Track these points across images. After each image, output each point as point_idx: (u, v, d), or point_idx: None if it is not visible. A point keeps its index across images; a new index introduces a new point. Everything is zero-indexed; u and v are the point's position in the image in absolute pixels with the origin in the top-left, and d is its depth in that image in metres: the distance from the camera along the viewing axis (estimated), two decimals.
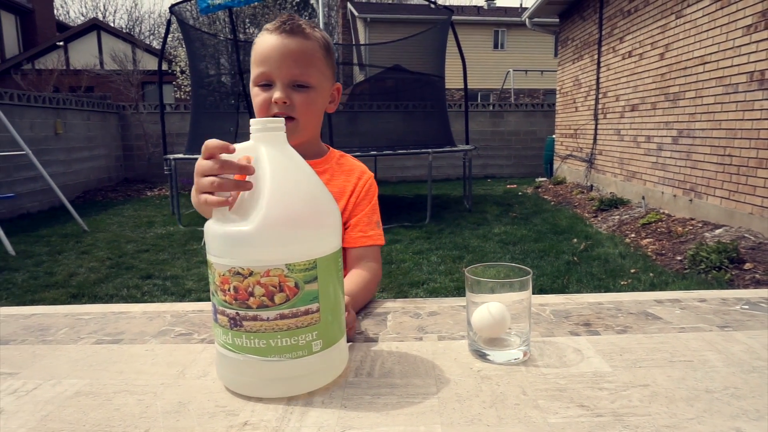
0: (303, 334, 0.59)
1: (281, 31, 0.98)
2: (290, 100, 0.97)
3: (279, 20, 1.00)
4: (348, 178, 1.10)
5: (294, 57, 0.97)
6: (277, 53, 0.97)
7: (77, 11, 44.12)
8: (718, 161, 4.57)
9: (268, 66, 0.97)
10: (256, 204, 0.59)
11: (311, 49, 1.00)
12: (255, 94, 1.00)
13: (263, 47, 0.98)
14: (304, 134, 1.03)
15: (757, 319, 0.81)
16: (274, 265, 0.57)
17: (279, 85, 0.97)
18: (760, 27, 4.00)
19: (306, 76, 0.98)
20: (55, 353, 0.73)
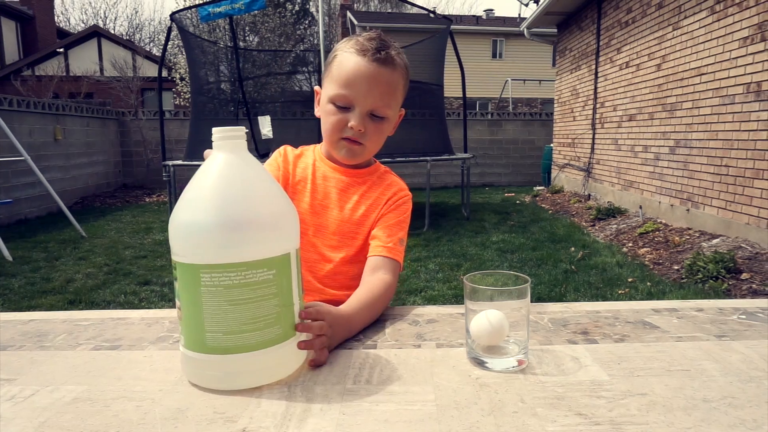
0: (179, 324, 0.65)
1: (374, 58, 0.96)
2: (364, 129, 0.99)
3: (370, 42, 0.97)
4: (384, 192, 1.09)
5: (380, 90, 0.98)
6: (366, 82, 0.97)
7: (78, 18, 44.27)
8: (715, 171, 4.59)
9: (353, 91, 0.97)
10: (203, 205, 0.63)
11: (396, 81, 1.00)
12: (330, 112, 1.00)
13: (351, 70, 0.97)
14: (365, 157, 1.07)
15: (754, 328, 0.81)
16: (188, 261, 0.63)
17: (358, 112, 0.98)
18: (757, 39, 4.04)
19: (385, 108, 1.00)
20: (53, 359, 0.73)
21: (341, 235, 1.06)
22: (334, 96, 0.99)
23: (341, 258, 1.06)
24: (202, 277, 0.61)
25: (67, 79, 16.82)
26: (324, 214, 1.07)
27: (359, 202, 1.07)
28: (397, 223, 1.06)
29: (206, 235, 0.61)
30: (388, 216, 1.07)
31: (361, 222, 1.06)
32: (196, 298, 0.62)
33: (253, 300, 0.62)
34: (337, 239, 1.06)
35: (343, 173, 1.09)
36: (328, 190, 1.08)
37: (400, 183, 1.14)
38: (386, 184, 1.11)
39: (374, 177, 1.11)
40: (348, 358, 0.72)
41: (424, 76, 7.67)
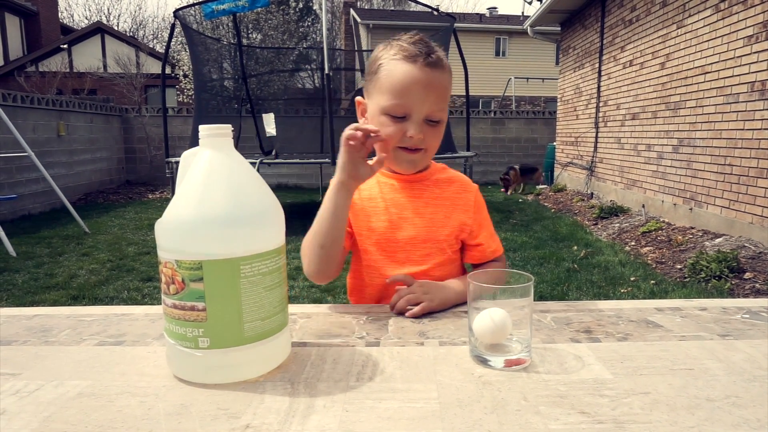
0: (190, 327, 0.63)
1: (426, 63, 0.94)
2: (423, 135, 0.97)
3: (416, 47, 0.95)
4: (458, 190, 1.08)
5: (436, 94, 0.96)
6: (421, 89, 0.94)
7: (81, 14, 44.30)
8: (719, 170, 4.57)
9: (408, 99, 0.94)
10: (238, 198, 0.65)
11: (447, 83, 0.99)
12: (384, 123, 0.96)
13: (403, 78, 0.94)
14: (425, 163, 1.06)
15: (757, 328, 0.81)
16: (167, 258, 0.64)
17: (415, 119, 0.96)
18: (761, 37, 4.02)
19: (441, 112, 0.98)
20: (57, 354, 0.73)
21: (431, 241, 1.04)
22: (388, 107, 0.96)
23: (433, 264, 1.04)
24: (242, 269, 0.63)
25: (70, 75, 16.85)
26: (405, 227, 1.04)
27: (438, 204, 1.06)
28: (488, 221, 1.11)
29: (247, 227, 0.64)
30: (479, 217, 1.08)
31: (448, 224, 1.05)
32: (233, 292, 0.63)
33: (278, 284, 0.67)
34: (429, 246, 1.04)
35: (408, 180, 1.07)
36: (401, 202, 1.05)
37: (463, 176, 1.13)
38: (452, 180, 1.10)
39: (438, 175, 1.10)
40: (351, 356, 0.72)
41: None
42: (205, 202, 0.63)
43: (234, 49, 7.96)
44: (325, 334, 0.80)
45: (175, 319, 0.64)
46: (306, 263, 1.00)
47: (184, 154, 0.70)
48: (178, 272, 0.63)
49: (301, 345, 0.76)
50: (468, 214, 1.07)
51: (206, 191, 0.64)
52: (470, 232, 1.07)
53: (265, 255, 0.65)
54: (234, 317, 0.63)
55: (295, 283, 3.76)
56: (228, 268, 0.62)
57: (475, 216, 1.07)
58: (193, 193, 0.64)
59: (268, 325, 0.66)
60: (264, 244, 0.65)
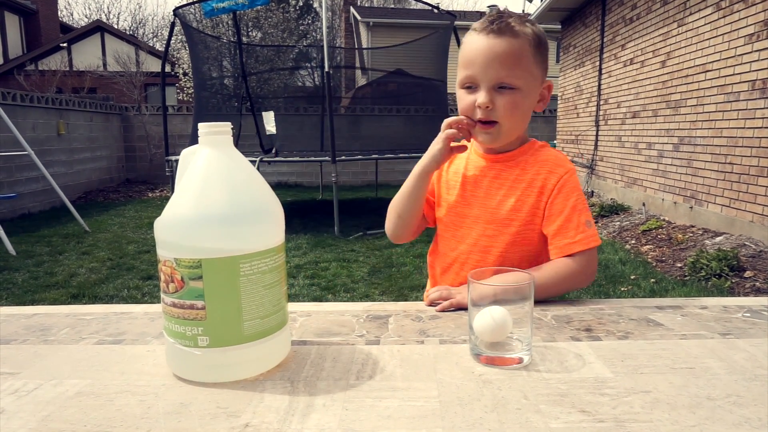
0: (189, 326, 0.63)
1: (488, 31, 0.95)
2: (493, 104, 0.95)
3: (488, 18, 0.97)
4: (539, 170, 1.02)
5: (500, 59, 0.94)
6: (483, 55, 0.95)
7: (81, 13, 44.28)
8: (719, 169, 4.57)
9: (473, 68, 0.96)
10: (237, 197, 0.65)
11: (519, 48, 0.95)
12: (461, 98, 0.99)
13: (469, 49, 0.97)
14: (507, 138, 1.01)
15: (758, 327, 0.81)
16: (166, 256, 0.63)
17: (483, 88, 0.95)
18: (762, 36, 4.01)
19: (511, 77, 0.95)
20: (56, 353, 0.73)
21: (496, 223, 1.02)
22: (461, 80, 0.99)
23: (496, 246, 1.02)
24: (241, 267, 0.63)
25: (70, 73, 16.84)
26: (475, 204, 1.05)
27: (512, 186, 1.02)
28: (571, 208, 0.98)
29: (247, 225, 0.64)
30: (556, 204, 0.99)
31: (516, 208, 1.01)
32: (232, 290, 0.63)
33: (278, 282, 0.67)
34: (493, 228, 1.02)
35: (493, 160, 1.05)
36: (478, 180, 1.06)
37: (557, 157, 1.05)
38: (540, 161, 1.03)
39: (527, 156, 1.04)
40: (351, 354, 0.72)
41: (428, 72, 7.67)
42: (204, 201, 0.63)
43: (234, 47, 7.95)
44: (324, 332, 0.80)
45: (174, 317, 0.64)
46: (387, 225, 1.13)
47: (183, 152, 0.70)
48: (177, 270, 0.63)
49: (301, 343, 0.75)
50: (541, 198, 1.00)
51: (206, 189, 0.64)
52: (544, 218, 1.00)
53: (265, 253, 0.65)
54: (233, 316, 0.63)
55: (294, 281, 3.76)
56: (227, 266, 0.62)
57: (553, 201, 0.99)
58: (192, 191, 0.64)
59: (267, 323, 0.66)
60: (263, 242, 0.65)
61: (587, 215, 1.00)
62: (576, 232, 0.97)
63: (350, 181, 9.69)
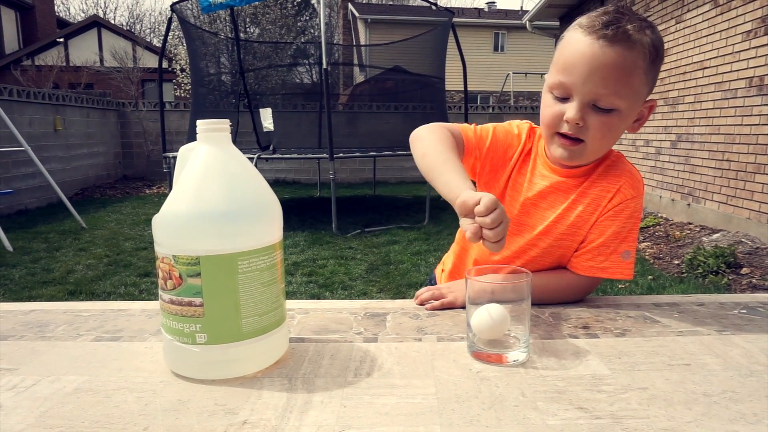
0: (187, 323, 0.63)
1: (599, 35, 0.79)
2: (585, 122, 0.83)
3: (602, 16, 0.81)
4: (608, 187, 0.91)
5: (603, 74, 0.80)
6: (586, 64, 0.80)
7: (77, 8, 44.06)
8: (717, 166, 4.58)
9: (571, 77, 0.82)
10: (234, 194, 0.65)
11: (631, 63, 0.80)
12: (547, 103, 0.87)
13: (572, 51, 0.82)
14: (587, 159, 0.90)
15: (755, 323, 0.81)
16: (164, 253, 0.63)
17: (577, 102, 0.82)
18: (760, 33, 4.02)
19: (612, 97, 0.81)
20: (54, 350, 0.73)
21: (548, 234, 0.94)
22: (551, 84, 0.85)
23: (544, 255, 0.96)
24: (239, 264, 0.63)
25: (66, 69, 16.77)
26: (534, 214, 0.95)
27: (576, 201, 0.93)
28: (616, 232, 0.90)
29: (245, 222, 0.63)
30: (604, 222, 0.91)
31: (577, 225, 0.92)
32: (231, 287, 0.63)
33: (276, 280, 0.67)
34: (547, 242, 0.94)
35: (561, 174, 0.94)
36: (543, 189, 0.94)
37: (631, 174, 0.93)
38: (612, 176, 0.92)
39: (600, 169, 0.93)
40: (349, 352, 0.72)
41: (426, 69, 7.65)
42: (202, 198, 0.63)
43: (231, 44, 7.92)
44: (322, 329, 0.80)
45: (172, 314, 0.64)
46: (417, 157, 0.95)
47: (181, 149, 0.70)
48: (175, 267, 0.62)
49: (299, 341, 0.76)
50: (593, 210, 0.91)
51: (204, 186, 0.64)
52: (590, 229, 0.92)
53: (263, 250, 0.65)
54: (231, 313, 0.63)
55: (292, 278, 3.76)
56: (225, 263, 0.62)
57: (603, 218, 0.91)
58: (190, 188, 0.64)
59: (265, 320, 0.66)
60: (262, 239, 0.65)
61: (628, 245, 0.91)
62: (605, 258, 0.91)
63: (348, 178, 9.68)
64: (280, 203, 0.70)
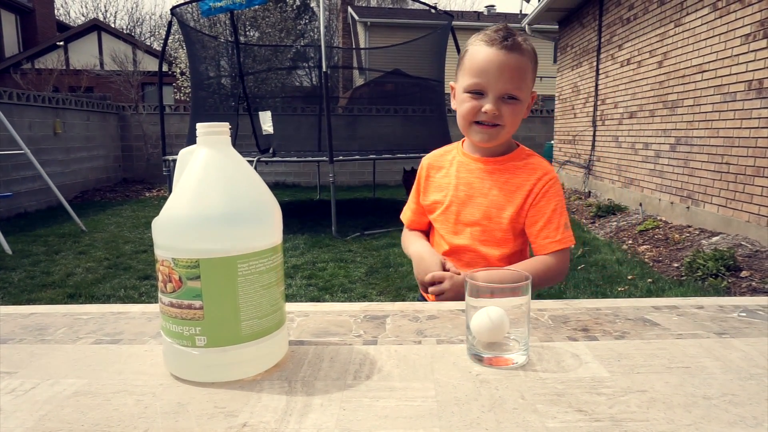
0: (187, 325, 0.63)
1: (501, 46, 1.05)
2: (499, 111, 1.07)
3: (497, 33, 1.06)
4: (529, 176, 1.14)
5: (511, 73, 1.05)
6: (496, 68, 1.05)
7: (78, 11, 44.14)
8: (716, 169, 4.58)
9: (485, 78, 1.06)
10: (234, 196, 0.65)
11: (524, 65, 1.07)
12: (464, 100, 1.10)
13: (480, 59, 1.06)
14: (503, 138, 1.14)
15: (754, 326, 0.81)
16: (164, 256, 0.63)
17: (491, 97, 1.06)
18: (759, 36, 4.03)
19: (517, 90, 1.07)
20: (53, 353, 0.73)
21: (489, 220, 1.13)
22: (468, 85, 1.08)
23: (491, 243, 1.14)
24: (239, 267, 0.63)
25: (66, 72, 16.79)
26: (469, 203, 1.15)
27: (503, 188, 1.14)
28: (554, 210, 1.12)
29: (245, 225, 0.64)
30: (539, 206, 1.12)
31: (506, 208, 1.13)
32: (230, 290, 0.63)
33: (276, 282, 0.67)
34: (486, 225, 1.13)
35: (484, 162, 1.17)
36: (470, 181, 1.16)
37: (544, 165, 1.17)
38: (529, 168, 1.16)
39: (517, 161, 1.16)
40: (349, 354, 0.72)
41: (425, 72, 7.67)
42: (202, 200, 0.63)
43: (231, 47, 7.93)
44: (322, 332, 0.80)
45: (171, 317, 0.64)
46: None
47: (181, 152, 0.70)
48: (175, 270, 0.62)
49: (299, 343, 0.75)
50: (527, 200, 1.13)
51: (203, 189, 0.64)
52: (528, 218, 1.13)
53: (263, 253, 0.65)
54: (231, 315, 0.63)
55: (292, 281, 3.76)
56: (225, 266, 0.62)
57: (537, 204, 1.12)
58: (190, 191, 0.64)
59: (265, 323, 0.66)
60: (261, 242, 0.65)
61: (566, 218, 1.13)
62: (557, 232, 1.11)
63: (348, 181, 9.69)
64: (279, 206, 0.70)
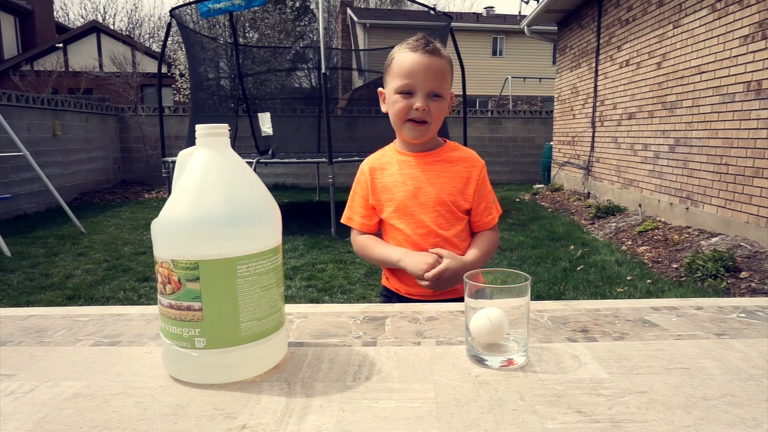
0: (186, 327, 0.63)
1: (425, 51, 1.19)
2: (428, 108, 1.19)
3: (418, 41, 1.21)
4: (465, 165, 1.29)
5: (435, 73, 1.19)
6: (422, 69, 1.18)
7: (77, 13, 44.17)
8: (715, 170, 4.59)
9: (413, 79, 1.18)
10: (236, 199, 0.65)
11: (444, 67, 1.21)
12: (396, 101, 1.21)
13: (407, 63, 1.19)
14: (432, 133, 1.27)
15: (753, 327, 0.81)
16: (163, 258, 0.63)
17: (420, 95, 1.19)
18: (757, 37, 4.04)
19: (441, 88, 1.21)
20: (52, 355, 0.73)
21: (441, 205, 1.26)
22: (398, 87, 1.20)
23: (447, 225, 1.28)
24: (238, 268, 0.63)
25: (65, 74, 16.78)
26: (420, 194, 1.27)
27: (445, 176, 1.27)
28: (489, 192, 1.32)
29: (244, 226, 0.64)
30: (482, 191, 1.29)
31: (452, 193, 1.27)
32: (229, 291, 0.63)
33: (275, 284, 0.67)
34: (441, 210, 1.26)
35: (422, 157, 1.29)
36: (416, 175, 1.28)
37: (474, 155, 1.33)
38: (463, 157, 1.31)
39: (451, 153, 1.31)
40: (348, 356, 0.72)
41: None
42: (201, 202, 0.63)
43: (230, 49, 7.94)
44: (321, 334, 0.80)
45: (171, 319, 0.64)
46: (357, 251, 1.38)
47: (180, 153, 0.70)
48: (174, 272, 0.62)
49: (298, 345, 0.75)
50: (468, 185, 1.28)
51: (203, 191, 0.64)
52: (473, 201, 1.29)
53: (262, 255, 0.65)
54: (230, 317, 0.63)
55: (291, 282, 3.75)
56: (224, 267, 0.62)
57: (478, 189, 1.28)
58: (189, 192, 0.64)
59: (264, 325, 0.66)
60: (260, 243, 0.65)
61: (494, 196, 1.35)
62: (494, 209, 1.32)
63: (347, 182, 9.64)
64: (279, 207, 0.70)
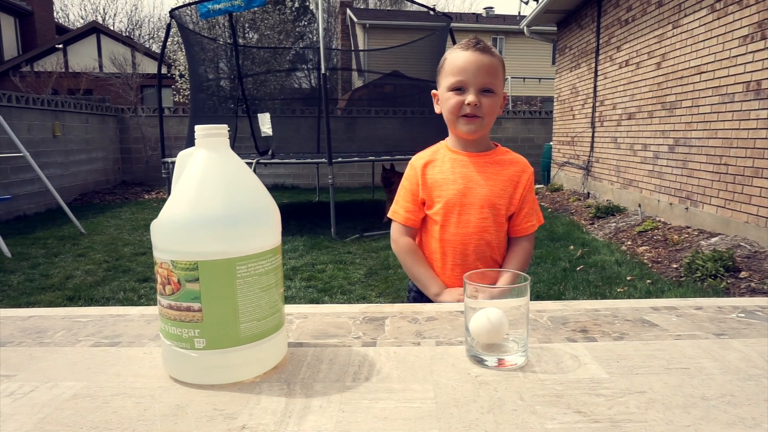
0: (186, 328, 0.63)
1: (476, 49, 1.24)
2: (480, 103, 1.23)
3: (470, 41, 1.26)
4: (516, 170, 1.33)
5: (486, 69, 1.23)
6: (474, 65, 1.23)
7: (77, 14, 44.19)
8: (714, 170, 4.59)
9: (465, 75, 1.23)
10: (234, 199, 0.65)
11: (496, 64, 1.25)
12: (448, 98, 1.26)
13: (459, 61, 1.24)
14: (485, 129, 1.30)
15: (753, 327, 0.81)
16: (162, 258, 0.63)
17: (472, 90, 1.23)
18: (757, 37, 4.04)
19: (493, 84, 1.24)
20: (52, 355, 0.73)
21: (490, 208, 1.29)
22: (451, 84, 1.25)
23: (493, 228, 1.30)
24: (238, 269, 0.63)
25: (65, 75, 16.78)
26: (471, 194, 1.29)
27: (496, 179, 1.31)
28: (534, 200, 1.36)
29: (244, 227, 0.64)
30: (527, 196, 1.33)
31: (502, 195, 1.30)
32: (229, 292, 0.63)
33: (275, 284, 0.67)
34: (488, 211, 1.29)
35: (475, 157, 1.32)
36: (467, 174, 1.31)
37: (523, 159, 1.37)
38: (513, 161, 1.34)
39: (502, 157, 1.35)
40: (348, 356, 0.72)
41: (424, 74, 7.67)
42: (201, 203, 0.63)
43: (230, 49, 7.94)
44: (321, 334, 0.80)
45: (170, 319, 0.64)
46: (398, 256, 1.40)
47: (180, 154, 0.70)
48: (173, 273, 0.62)
49: (298, 345, 0.76)
50: (517, 189, 1.32)
51: (202, 191, 0.64)
52: (517, 206, 1.32)
53: (262, 255, 0.65)
54: (230, 318, 0.63)
55: (291, 283, 3.75)
56: (224, 268, 0.62)
57: (524, 193, 1.32)
58: (189, 193, 0.64)
59: (264, 325, 0.66)
60: (260, 244, 0.65)
61: (538, 205, 1.38)
62: (535, 217, 1.35)
63: (347, 182, 9.69)
64: (278, 208, 0.70)
